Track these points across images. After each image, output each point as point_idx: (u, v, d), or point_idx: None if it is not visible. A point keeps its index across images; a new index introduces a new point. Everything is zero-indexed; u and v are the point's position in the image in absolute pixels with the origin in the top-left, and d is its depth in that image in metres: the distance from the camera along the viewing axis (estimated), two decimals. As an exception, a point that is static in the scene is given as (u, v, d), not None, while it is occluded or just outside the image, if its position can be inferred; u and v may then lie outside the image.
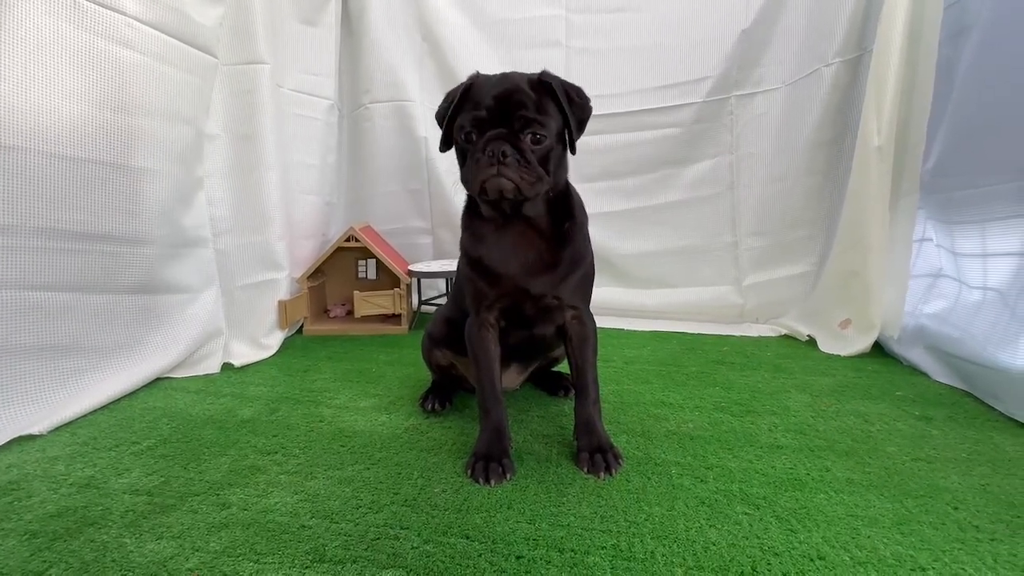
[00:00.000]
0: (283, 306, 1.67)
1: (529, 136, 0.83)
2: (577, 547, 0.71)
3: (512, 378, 1.17)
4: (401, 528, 0.75)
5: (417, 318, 2.06)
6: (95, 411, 1.16)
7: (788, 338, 1.78)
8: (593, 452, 0.92)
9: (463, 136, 0.87)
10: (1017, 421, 1.07)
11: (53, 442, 1.02)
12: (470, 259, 0.95)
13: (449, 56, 2.10)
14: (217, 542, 0.72)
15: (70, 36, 1.12)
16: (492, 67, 2.30)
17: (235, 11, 1.55)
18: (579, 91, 0.92)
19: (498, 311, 0.95)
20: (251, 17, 1.57)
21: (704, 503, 0.80)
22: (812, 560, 0.68)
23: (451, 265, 1.97)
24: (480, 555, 0.69)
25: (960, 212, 1.35)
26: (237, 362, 1.48)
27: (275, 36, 1.68)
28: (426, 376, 1.28)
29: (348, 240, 1.84)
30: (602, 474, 0.88)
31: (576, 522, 0.76)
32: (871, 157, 1.52)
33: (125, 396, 1.24)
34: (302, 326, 1.87)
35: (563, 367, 1.30)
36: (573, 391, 1.24)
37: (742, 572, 0.66)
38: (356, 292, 1.81)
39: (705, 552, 0.69)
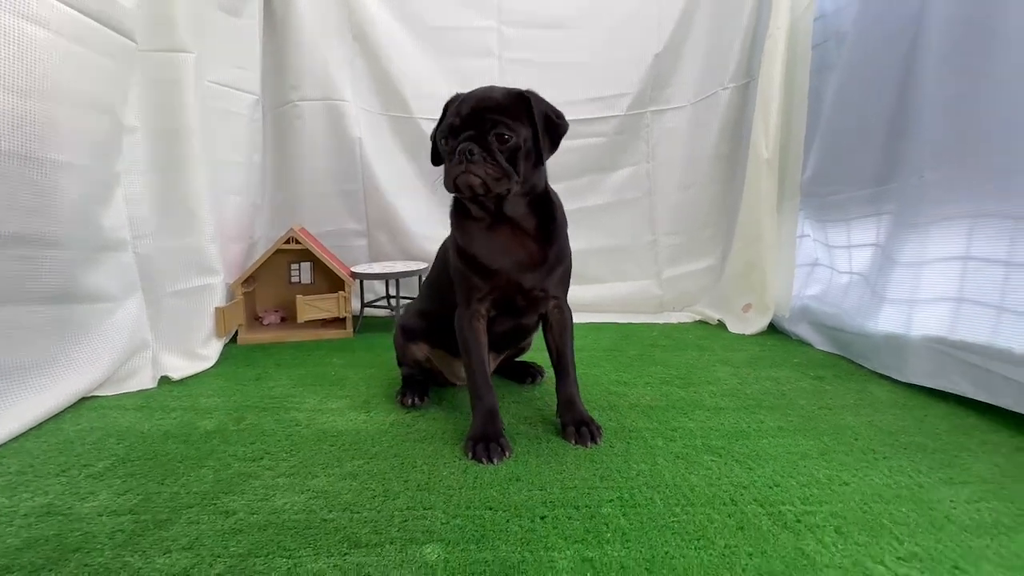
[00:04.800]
0: (221, 313, 1.55)
1: (495, 136, 0.90)
2: (590, 503, 0.80)
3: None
4: (424, 509, 0.79)
5: (362, 321, 2.01)
6: (17, 437, 1.01)
7: (702, 323, 2.05)
8: (579, 426, 1.02)
9: (443, 141, 0.94)
10: (882, 375, 1.37)
11: (-26, 475, 0.88)
12: (465, 256, 1.01)
13: (382, 58, 2.09)
14: (237, 546, 0.70)
15: (-26, 7, 0.97)
16: (424, 71, 2.32)
17: None
18: (556, 111, 1.01)
19: (490, 302, 1.02)
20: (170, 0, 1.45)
21: (679, 457, 0.95)
22: (771, 487, 0.84)
23: (393, 267, 1.96)
24: (508, 521, 0.76)
25: (830, 213, 1.69)
26: (175, 375, 1.36)
27: (196, 24, 1.56)
28: (390, 375, 1.29)
29: (288, 242, 1.76)
30: (589, 443, 0.99)
31: (581, 484, 0.86)
32: (761, 168, 1.83)
33: (50, 419, 1.09)
34: (235, 335, 1.74)
35: (528, 356, 1.39)
36: (540, 379, 1.34)
37: (724, 503, 0.80)
38: (299, 296, 1.73)
39: (692, 492, 0.83)
